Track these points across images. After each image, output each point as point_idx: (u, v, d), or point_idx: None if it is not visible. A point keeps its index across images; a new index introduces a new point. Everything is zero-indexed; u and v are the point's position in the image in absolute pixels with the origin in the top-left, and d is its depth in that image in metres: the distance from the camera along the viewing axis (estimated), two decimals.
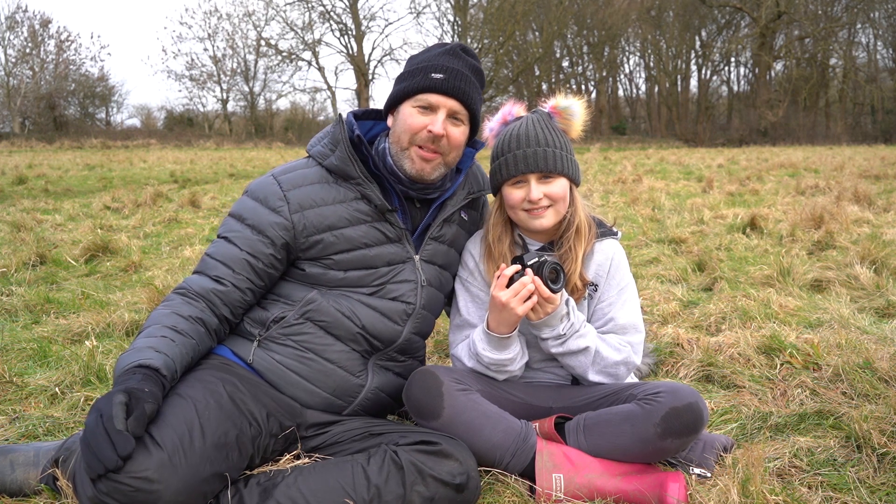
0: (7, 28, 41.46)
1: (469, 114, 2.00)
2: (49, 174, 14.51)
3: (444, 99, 1.93)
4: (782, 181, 11.92)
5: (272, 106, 50.65)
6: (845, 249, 5.09)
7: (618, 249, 2.11)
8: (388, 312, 1.97)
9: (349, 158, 1.94)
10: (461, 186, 2.10)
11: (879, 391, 2.39)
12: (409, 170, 1.95)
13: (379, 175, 1.99)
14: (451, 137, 1.95)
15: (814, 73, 45.12)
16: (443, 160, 1.97)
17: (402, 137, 1.95)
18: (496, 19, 42.98)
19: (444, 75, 1.93)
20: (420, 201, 2.06)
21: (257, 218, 1.91)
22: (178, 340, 1.73)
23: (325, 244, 1.91)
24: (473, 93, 1.98)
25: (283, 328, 1.92)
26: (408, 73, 1.99)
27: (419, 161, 1.94)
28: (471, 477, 1.73)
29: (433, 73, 1.93)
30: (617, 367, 2.00)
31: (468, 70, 1.98)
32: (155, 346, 1.67)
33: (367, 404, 2.00)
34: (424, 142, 1.93)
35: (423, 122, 1.92)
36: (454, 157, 2.00)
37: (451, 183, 2.08)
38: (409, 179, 1.97)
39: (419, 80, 1.94)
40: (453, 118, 1.96)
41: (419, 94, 1.94)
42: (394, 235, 1.98)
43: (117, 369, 1.62)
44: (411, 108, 1.94)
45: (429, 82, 1.93)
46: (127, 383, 1.53)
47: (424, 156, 1.93)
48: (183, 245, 5.94)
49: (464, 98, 1.95)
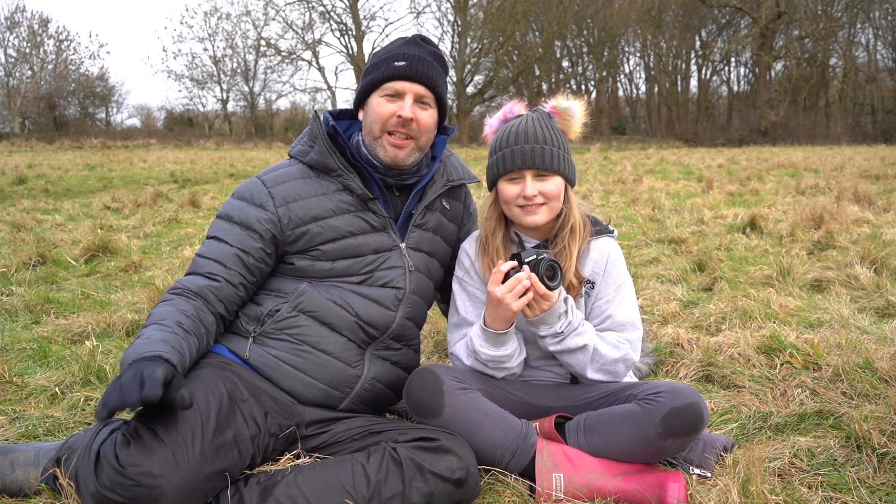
0: (6, 28, 41.47)
1: (435, 97, 2.05)
2: (49, 174, 14.51)
3: (410, 84, 1.99)
4: (782, 181, 11.92)
5: (272, 106, 50.69)
6: (845, 249, 5.09)
7: (614, 247, 2.12)
8: (380, 299, 2.00)
9: (328, 151, 2.00)
10: (439, 173, 2.15)
11: (879, 391, 2.39)
12: (384, 157, 2.00)
13: (358, 166, 2.04)
14: (421, 121, 2.00)
15: (814, 73, 45.13)
16: (415, 144, 2.02)
17: (373, 127, 2.00)
18: (496, 19, 42.99)
19: (406, 62, 1.99)
20: (398, 189, 2.11)
21: (244, 215, 1.96)
22: (184, 337, 1.73)
23: (311, 235, 1.95)
24: (437, 76, 2.04)
25: (278, 322, 1.94)
26: (372, 66, 2.05)
27: (392, 148, 1.99)
28: (470, 472, 1.74)
29: (396, 62, 1.99)
30: (616, 364, 2.01)
31: (429, 56, 2.04)
32: (169, 341, 1.67)
33: (364, 396, 2.01)
34: (395, 127, 1.98)
35: (391, 110, 1.98)
36: (426, 140, 2.05)
37: (428, 169, 2.13)
38: (385, 167, 2.02)
39: (383, 70, 2.00)
40: (420, 102, 2.01)
41: (385, 84, 1.99)
42: (378, 224, 2.02)
43: (130, 356, 1.59)
44: (379, 98, 2.00)
45: (392, 70, 1.99)
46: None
47: (396, 143, 1.99)
48: (183, 245, 5.94)
49: (428, 81, 2.00)
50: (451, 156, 2.24)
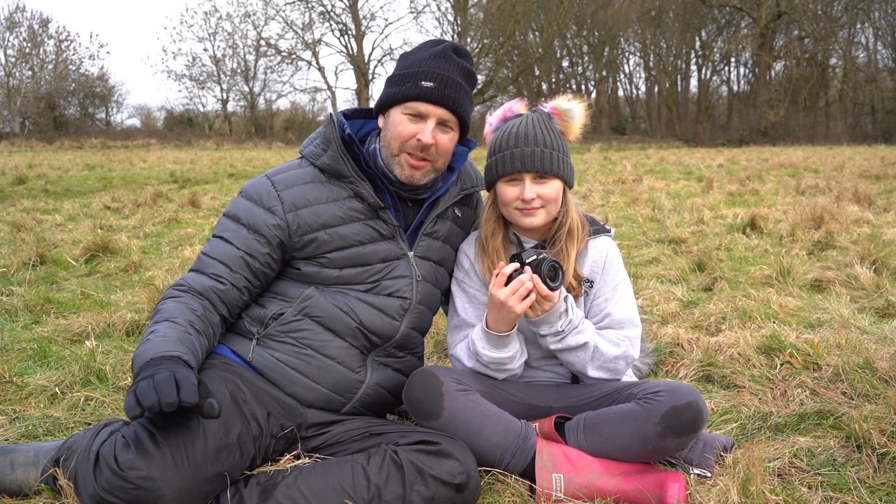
0: (6, 28, 41.47)
1: (458, 121, 2.01)
2: (49, 174, 14.51)
3: (434, 108, 1.94)
4: (782, 181, 11.92)
5: (272, 106, 50.66)
6: (845, 249, 5.09)
7: (611, 246, 2.12)
8: (385, 308, 1.98)
9: (341, 157, 1.96)
10: (454, 183, 2.11)
11: (879, 391, 2.39)
12: (400, 175, 1.98)
13: (371, 173, 2.01)
14: (440, 145, 1.97)
15: (814, 73, 45.11)
16: (432, 167, 1.99)
17: (392, 144, 1.97)
18: (496, 19, 42.94)
19: (434, 84, 1.93)
20: (412, 200, 2.08)
21: (252, 217, 1.92)
22: (196, 339, 1.73)
23: (320, 243, 1.93)
24: (464, 100, 1.99)
25: (282, 325, 1.93)
26: (398, 78, 1.98)
27: (409, 168, 1.96)
28: (471, 476, 1.73)
29: (423, 81, 1.93)
30: (616, 361, 2.01)
31: (459, 75, 1.98)
32: (184, 342, 1.67)
33: (366, 401, 2.00)
34: (413, 149, 1.94)
35: (412, 131, 1.94)
36: (443, 162, 2.03)
37: (443, 182, 2.10)
38: (400, 183, 1.99)
39: (409, 88, 1.94)
40: (442, 125, 1.97)
41: (409, 102, 1.94)
42: (387, 232, 2.00)
43: (147, 352, 1.58)
44: (401, 115, 1.95)
45: (419, 91, 1.93)
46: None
47: (414, 164, 1.96)
48: (183, 245, 5.94)
49: (453, 106, 1.96)
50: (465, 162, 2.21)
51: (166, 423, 1.54)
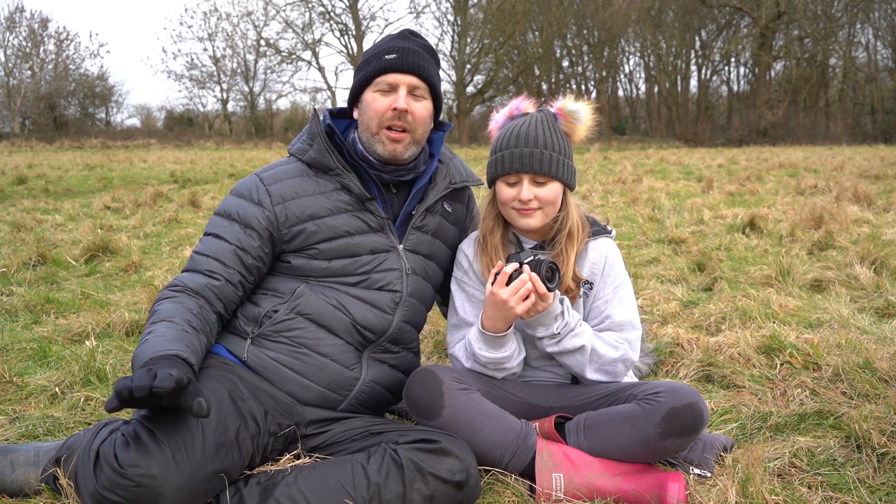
0: (6, 28, 41.46)
1: (429, 88, 2.05)
2: (49, 174, 14.51)
3: (402, 76, 1.99)
4: (782, 181, 11.92)
5: (272, 106, 50.63)
6: (845, 249, 5.09)
7: (612, 247, 2.12)
8: (376, 302, 2.00)
9: (326, 150, 2.00)
10: (441, 175, 2.14)
11: (879, 391, 2.39)
12: (382, 152, 2.00)
13: (356, 165, 2.04)
14: (415, 112, 2.00)
15: (814, 73, 45.08)
16: (411, 138, 2.01)
17: (370, 124, 2.00)
18: (496, 19, 42.95)
19: (397, 55, 2.00)
20: (396, 186, 2.10)
21: (243, 212, 1.96)
22: (195, 337, 1.74)
23: (308, 233, 1.95)
24: (429, 67, 2.04)
25: (275, 324, 1.94)
26: (363, 63, 2.06)
27: (389, 143, 1.99)
28: (470, 474, 1.74)
29: (386, 55, 2.00)
30: (615, 364, 2.00)
31: (420, 48, 2.04)
32: (183, 340, 1.67)
33: (363, 398, 2.00)
34: (391, 120, 1.97)
35: (386, 103, 1.98)
36: (422, 133, 2.05)
37: (426, 167, 2.12)
38: (383, 162, 2.02)
39: (374, 65, 2.01)
40: (413, 94, 2.01)
41: (377, 78, 2.00)
42: (376, 225, 2.02)
43: (146, 352, 1.58)
44: (373, 94, 2.00)
45: (383, 64, 1.99)
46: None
47: (393, 136, 1.98)
48: (183, 245, 5.94)
49: (420, 72, 2.00)
50: (453, 158, 2.23)
51: (165, 421, 1.55)
